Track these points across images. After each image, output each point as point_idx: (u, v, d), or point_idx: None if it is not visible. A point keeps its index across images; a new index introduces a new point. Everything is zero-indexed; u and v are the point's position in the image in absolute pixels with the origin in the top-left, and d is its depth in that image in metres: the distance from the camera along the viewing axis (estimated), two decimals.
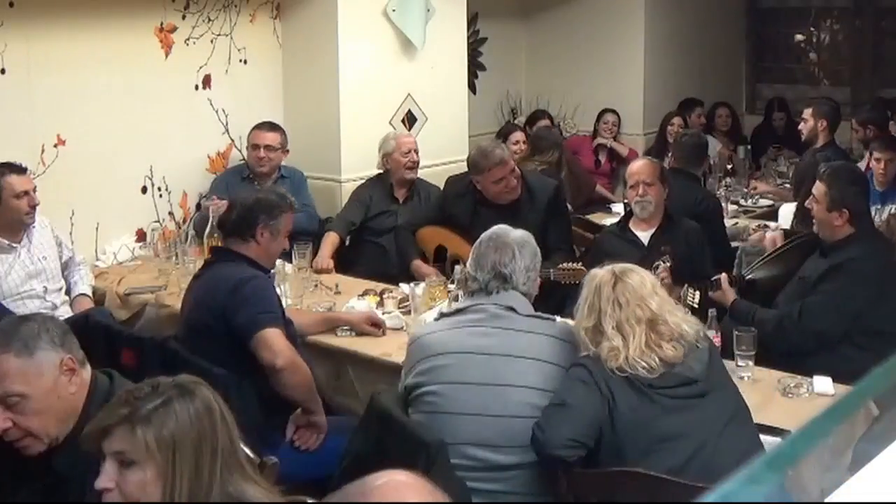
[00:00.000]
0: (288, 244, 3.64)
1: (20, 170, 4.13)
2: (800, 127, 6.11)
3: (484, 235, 3.03)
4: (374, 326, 3.79)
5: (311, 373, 3.33)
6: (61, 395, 2.25)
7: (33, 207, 4.13)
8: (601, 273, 2.78)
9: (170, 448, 1.88)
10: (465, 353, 2.82)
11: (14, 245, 4.16)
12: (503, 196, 4.56)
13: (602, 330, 2.68)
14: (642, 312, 2.66)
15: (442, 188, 5.04)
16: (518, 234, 3.01)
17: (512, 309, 2.88)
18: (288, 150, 5.25)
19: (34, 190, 4.16)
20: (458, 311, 2.97)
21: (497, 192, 4.55)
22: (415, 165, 5.17)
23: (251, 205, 3.45)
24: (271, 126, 5.18)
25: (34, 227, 4.22)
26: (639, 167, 4.43)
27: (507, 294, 2.90)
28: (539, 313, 2.98)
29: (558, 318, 3.08)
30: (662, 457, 2.55)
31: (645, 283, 2.72)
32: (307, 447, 3.30)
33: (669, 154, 6.11)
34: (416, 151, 5.19)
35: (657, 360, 2.63)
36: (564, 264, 4.20)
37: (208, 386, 2.02)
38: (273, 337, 3.21)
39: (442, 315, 3.10)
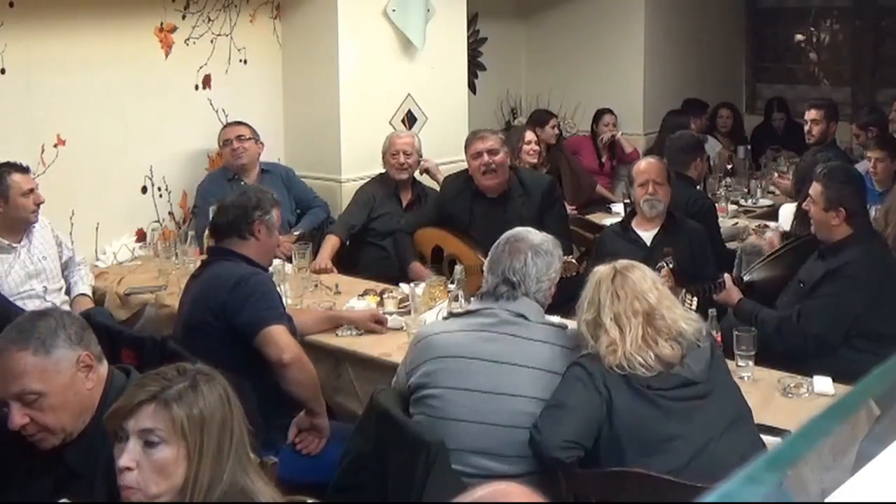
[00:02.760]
0: (279, 240, 3.67)
1: (23, 169, 4.15)
2: (807, 129, 6.08)
3: (503, 236, 2.96)
4: (377, 324, 3.80)
5: (311, 366, 3.33)
6: (78, 392, 2.26)
7: (38, 205, 4.15)
8: (602, 268, 2.78)
9: (199, 427, 1.92)
10: (471, 359, 2.78)
11: (14, 245, 4.17)
12: (485, 179, 4.59)
13: (601, 322, 2.68)
14: (640, 305, 2.66)
15: (440, 192, 5.06)
16: (537, 238, 2.93)
17: (523, 316, 2.83)
18: (262, 143, 5.22)
19: (37, 188, 4.18)
20: (469, 313, 2.93)
21: (476, 168, 4.61)
22: (404, 167, 5.11)
23: (244, 202, 3.48)
24: (237, 122, 5.19)
25: (34, 227, 4.23)
26: (648, 166, 4.42)
27: (518, 301, 2.84)
28: (551, 320, 2.95)
29: (569, 326, 3.04)
30: (661, 459, 2.54)
31: (645, 279, 2.71)
32: (308, 451, 3.29)
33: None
34: (408, 154, 5.11)
35: (653, 357, 2.61)
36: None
37: (220, 375, 2.06)
38: (279, 333, 3.22)
39: (451, 315, 3.07)
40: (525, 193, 4.64)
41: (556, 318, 3.24)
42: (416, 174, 5.35)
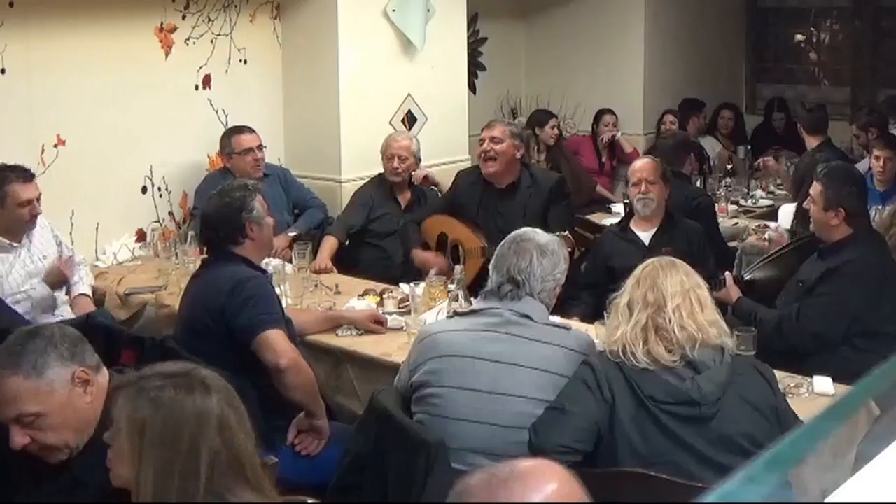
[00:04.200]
0: (272, 219, 3.55)
1: (27, 176, 4.08)
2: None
3: (510, 236, 2.94)
4: (377, 324, 3.80)
5: (314, 375, 3.33)
6: (77, 408, 2.24)
7: (34, 216, 4.13)
8: (650, 260, 2.78)
9: (137, 433, 1.88)
10: (475, 359, 2.77)
11: (14, 245, 4.17)
12: (485, 165, 4.71)
13: (618, 305, 2.70)
14: (652, 297, 2.63)
15: (452, 181, 5.08)
16: (544, 238, 2.92)
17: (527, 317, 2.82)
18: (265, 147, 5.23)
19: (39, 197, 4.13)
20: (473, 313, 2.92)
21: (478, 154, 4.78)
22: (398, 171, 5.06)
23: (228, 210, 3.38)
24: (249, 128, 5.10)
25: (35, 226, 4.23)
26: (641, 165, 4.46)
27: (523, 301, 2.83)
28: (555, 321, 2.95)
29: (572, 327, 3.02)
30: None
31: (673, 279, 2.66)
32: (308, 452, 3.28)
33: None
34: (404, 158, 5.05)
35: (643, 350, 2.60)
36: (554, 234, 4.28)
37: (227, 393, 1.97)
38: (275, 338, 3.21)
39: (456, 314, 3.06)
40: (534, 186, 4.73)
41: (559, 319, 3.24)
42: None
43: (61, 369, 2.23)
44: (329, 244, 4.90)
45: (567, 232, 4.31)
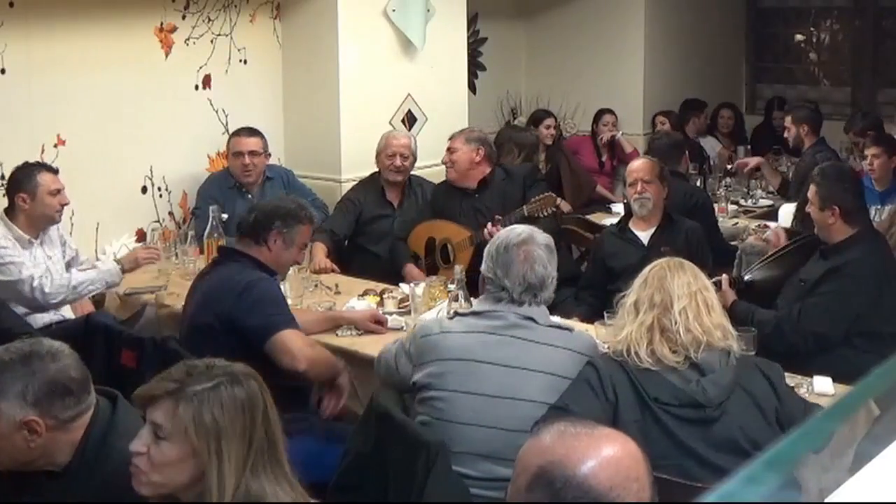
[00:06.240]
0: (301, 258, 3.67)
1: (53, 170, 4.24)
2: (785, 135, 6.16)
3: (511, 239, 2.86)
4: (377, 324, 3.80)
5: (326, 351, 3.39)
6: (14, 445, 2.17)
7: (63, 206, 4.21)
8: (658, 260, 2.77)
9: (208, 433, 1.93)
10: (480, 363, 2.76)
11: (33, 241, 4.20)
12: (447, 173, 4.96)
13: (624, 304, 2.70)
14: (658, 298, 2.63)
15: (431, 193, 5.11)
16: (542, 238, 2.89)
17: (531, 319, 2.80)
18: (269, 154, 5.22)
19: (63, 190, 4.22)
20: (475, 314, 2.89)
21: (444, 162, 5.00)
22: (399, 170, 5.06)
23: (269, 210, 3.50)
24: (251, 131, 5.09)
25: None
26: (638, 165, 4.47)
27: (533, 306, 2.82)
28: (558, 322, 2.94)
29: (575, 328, 3.00)
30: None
31: (681, 279, 2.66)
32: (331, 413, 3.34)
33: None
34: (405, 157, 5.06)
35: (648, 350, 2.59)
36: (535, 197, 4.47)
37: (258, 378, 2.06)
38: (290, 339, 3.23)
39: (457, 314, 3.03)
40: (508, 178, 4.90)
41: (559, 320, 3.23)
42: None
43: (15, 409, 2.15)
44: (319, 248, 4.85)
45: (549, 192, 4.56)
